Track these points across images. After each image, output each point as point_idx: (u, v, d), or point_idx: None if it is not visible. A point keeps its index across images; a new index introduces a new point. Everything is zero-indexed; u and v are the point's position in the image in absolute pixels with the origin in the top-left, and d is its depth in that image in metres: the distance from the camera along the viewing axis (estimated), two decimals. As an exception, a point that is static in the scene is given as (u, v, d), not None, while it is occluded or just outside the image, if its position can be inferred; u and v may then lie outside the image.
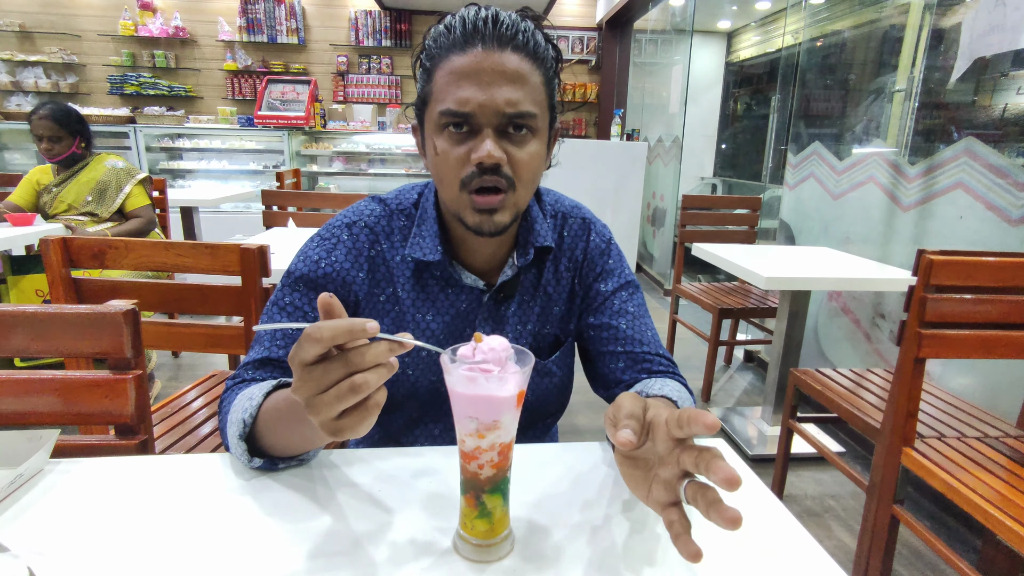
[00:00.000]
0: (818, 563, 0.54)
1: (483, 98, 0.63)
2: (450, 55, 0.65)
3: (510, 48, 0.64)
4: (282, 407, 0.58)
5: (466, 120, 0.64)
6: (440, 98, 0.65)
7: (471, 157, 0.65)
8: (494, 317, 0.79)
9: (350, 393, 0.43)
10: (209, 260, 1.14)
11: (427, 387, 0.80)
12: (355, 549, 0.53)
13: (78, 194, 2.41)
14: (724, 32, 6.28)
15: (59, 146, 2.34)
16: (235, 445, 0.62)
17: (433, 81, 0.67)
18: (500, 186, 0.66)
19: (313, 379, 0.43)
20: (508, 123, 0.65)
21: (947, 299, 1.17)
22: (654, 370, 0.80)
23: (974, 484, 1.12)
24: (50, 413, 0.75)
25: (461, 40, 0.64)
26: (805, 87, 2.77)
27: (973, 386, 1.76)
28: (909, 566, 1.58)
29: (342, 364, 0.43)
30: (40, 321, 0.73)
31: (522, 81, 0.65)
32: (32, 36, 5.03)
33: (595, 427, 2.34)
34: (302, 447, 0.61)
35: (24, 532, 0.54)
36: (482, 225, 0.69)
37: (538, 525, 0.57)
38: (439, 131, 0.67)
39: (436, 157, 0.68)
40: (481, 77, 0.63)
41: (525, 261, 0.78)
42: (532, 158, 0.68)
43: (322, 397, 0.43)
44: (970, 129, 1.82)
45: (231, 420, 0.64)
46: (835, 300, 2.46)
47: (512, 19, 0.65)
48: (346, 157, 5.28)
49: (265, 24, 5.20)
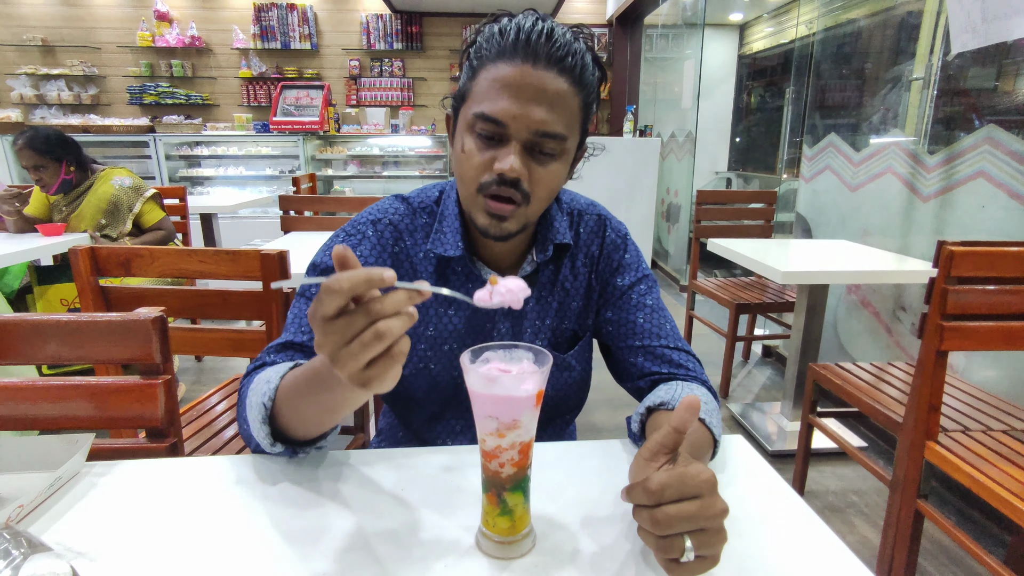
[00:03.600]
0: (841, 559, 0.54)
1: (518, 112, 0.64)
2: (497, 61, 0.66)
3: (556, 69, 0.65)
4: (300, 380, 0.58)
5: (497, 128, 0.65)
6: (478, 100, 0.66)
7: (494, 165, 0.66)
8: (513, 312, 0.81)
9: (375, 341, 0.43)
10: (230, 266, 1.16)
11: (448, 382, 0.81)
12: (380, 547, 0.54)
13: (92, 217, 2.35)
14: (736, 24, 6.20)
15: (46, 175, 2.24)
16: (257, 430, 0.62)
17: (475, 80, 0.68)
18: (515, 199, 0.68)
19: (336, 331, 0.44)
20: (536, 140, 0.66)
21: (969, 290, 1.16)
22: (674, 361, 0.80)
23: (1000, 478, 1.11)
24: (84, 418, 0.77)
25: (511, 49, 0.65)
26: (820, 78, 2.73)
27: (998, 378, 1.72)
28: (935, 561, 1.56)
29: (364, 314, 0.44)
30: (74, 329, 0.76)
31: (560, 103, 0.66)
32: (54, 50, 5.15)
33: (613, 425, 2.34)
34: (321, 421, 0.60)
35: (64, 533, 0.56)
36: (489, 229, 0.71)
37: (559, 522, 0.58)
38: (470, 130, 0.68)
39: (461, 154, 0.69)
40: (522, 91, 0.64)
41: (544, 257, 0.79)
42: (552, 177, 0.69)
43: (348, 349, 0.44)
44: (991, 116, 1.78)
45: (250, 404, 0.64)
46: (854, 293, 2.42)
47: (565, 40, 0.65)
48: (360, 160, 5.32)
49: (278, 31, 5.26)
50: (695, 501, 0.45)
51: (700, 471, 0.46)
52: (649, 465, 0.50)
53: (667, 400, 0.70)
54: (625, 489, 0.48)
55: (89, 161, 2.41)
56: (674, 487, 0.45)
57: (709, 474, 0.46)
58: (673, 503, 0.45)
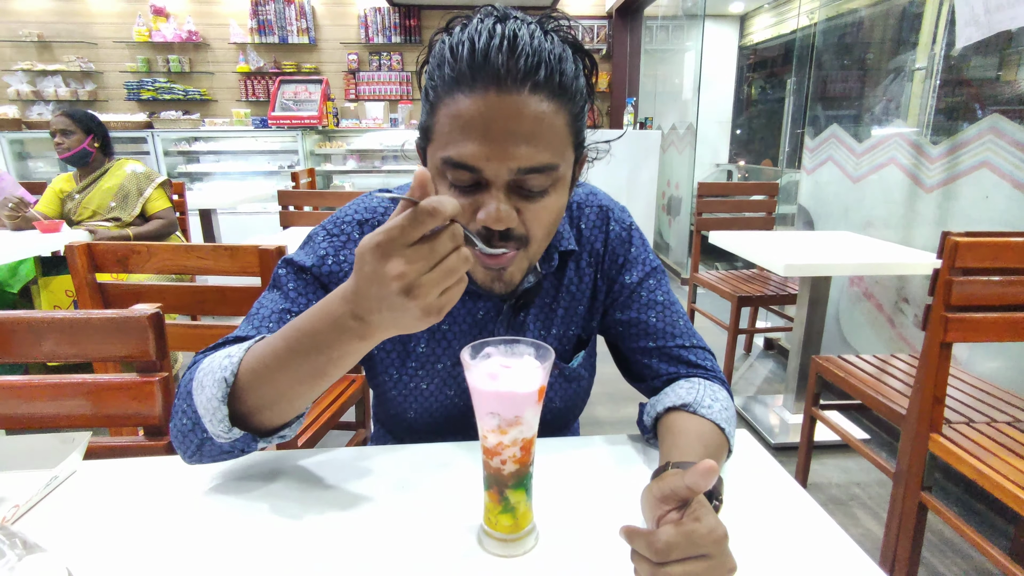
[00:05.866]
0: (845, 551, 0.53)
1: (490, 152, 0.53)
2: (455, 93, 0.54)
3: (528, 88, 0.53)
4: (279, 346, 0.52)
5: (471, 174, 0.55)
6: (441, 142, 0.56)
7: (477, 216, 0.56)
8: (514, 324, 0.74)
9: (462, 263, 0.43)
10: (229, 262, 1.15)
11: (442, 403, 0.76)
12: (381, 545, 0.53)
13: (102, 201, 2.47)
14: (736, 15, 6.17)
15: (69, 140, 2.37)
16: (212, 412, 0.54)
17: (435, 118, 0.57)
18: (509, 248, 0.59)
19: (422, 256, 0.42)
20: (520, 179, 0.56)
21: (973, 282, 1.14)
22: (692, 362, 0.75)
23: (1005, 470, 1.10)
24: (81, 416, 0.77)
25: (469, 75, 0.53)
26: (822, 68, 2.71)
27: (1002, 370, 1.72)
28: (938, 553, 1.56)
29: (451, 239, 0.42)
30: (69, 326, 0.75)
31: (541, 131, 0.54)
32: (50, 46, 5.12)
33: (615, 419, 2.33)
34: (300, 392, 0.53)
35: (60, 532, 0.55)
36: (493, 287, 0.63)
37: (562, 519, 0.57)
38: (441, 177, 0.58)
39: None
40: (491, 128, 0.53)
41: (550, 269, 0.73)
42: (548, 212, 0.59)
43: (431, 275, 0.42)
44: (995, 106, 1.77)
45: (200, 385, 0.56)
46: (857, 285, 2.41)
47: (534, 45, 0.53)
48: (359, 155, 5.30)
49: (276, 25, 5.23)
50: (702, 561, 0.42)
51: (711, 529, 0.43)
52: (659, 506, 0.47)
53: (689, 402, 0.67)
54: (626, 532, 0.44)
55: (112, 148, 2.55)
56: (682, 547, 0.42)
57: (720, 532, 0.43)
58: (678, 562, 0.42)
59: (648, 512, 0.49)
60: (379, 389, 0.77)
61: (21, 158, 5.01)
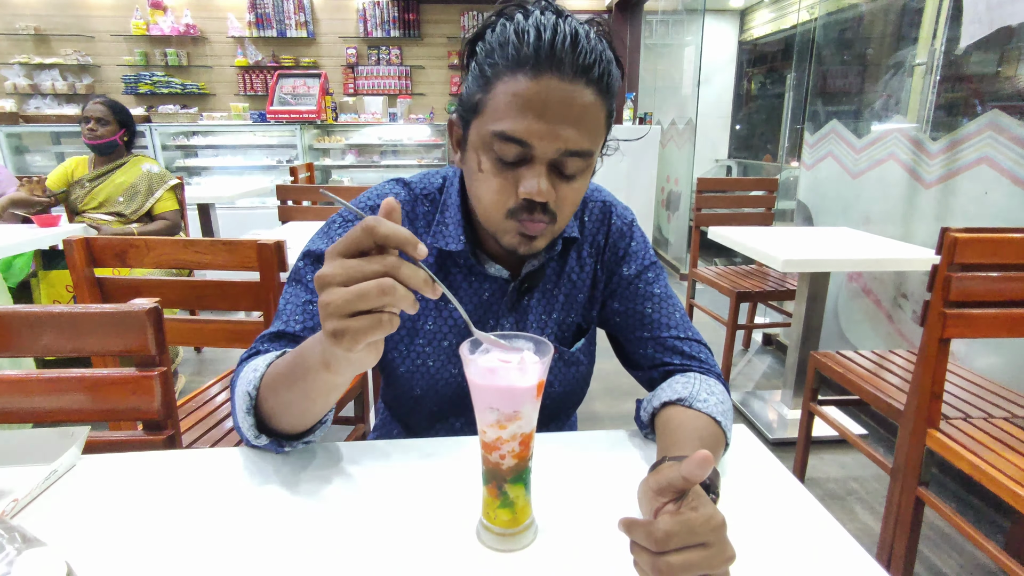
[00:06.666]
0: (842, 546, 0.53)
1: (545, 131, 0.59)
2: (517, 73, 0.59)
3: (584, 80, 0.59)
4: (284, 367, 0.57)
5: (521, 148, 0.60)
6: (496, 116, 0.61)
7: (520, 189, 0.62)
8: (517, 307, 0.78)
9: (376, 292, 0.42)
10: (227, 256, 1.15)
11: (447, 380, 0.79)
12: (379, 539, 0.54)
13: (111, 194, 2.46)
14: (737, 10, 6.14)
15: (103, 129, 2.40)
16: (242, 420, 0.61)
17: (491, 93, 0.61)
18: (544, 221, 0.65)
19: (345, 269, 0.42)
20: (562, 159, 0.62)
21: (972, 277, 1.15)
22: (686, 353, 0.78)
23: (1002, 465, 1.10)
24: (80, 410, 0.77)
25: (533, 59, 0.58)
26: (822, 64, 2.70)
27: (1000, 366, 1.72)
28: (935, 548, 1.57)
29: (380, 262, 0.42)
30: (67, 321, 0.75)
31: (587, 117, 0.60)
32: (47, 39, 5.09)
33: (614, 413, 2.34)
34: (303, 410, 0.59)
35: (60, 527, 0.55)
36: (519, 248, 0.67)
37: (561, 514, 0.58)
38: (486, 149, 0.62)
39: (479, 173, 0.64)
40: (548, 109, 0.58)
41: (553, 254, 0.77)
42: (578, 194, 0.66)
43: (344, 291, 0.42)
44: (995, 102, 1.76)
45: (238, 394, 0.63)
46: (855, 281, 2.42)
47: (591, 44, 0.59)
48: (358, 150, 5.28)
49: (274, 19, 5.20)
50: (701, 550, 0.42)
51: (709, 517, 0.43)
52: (656, 498, 0.47)
53: (685, 396, 0.68)
54: (625, 523, 0.45)
55: (134, 144, 2.59)
56: (681, 536, 0.42)
57: (719, 520, 0.44)
58: (677, 551, 0.42)
59: (645, 505, 0.49)
60: (388, 368, 0.81)
61: (18, 152, 4.99)
